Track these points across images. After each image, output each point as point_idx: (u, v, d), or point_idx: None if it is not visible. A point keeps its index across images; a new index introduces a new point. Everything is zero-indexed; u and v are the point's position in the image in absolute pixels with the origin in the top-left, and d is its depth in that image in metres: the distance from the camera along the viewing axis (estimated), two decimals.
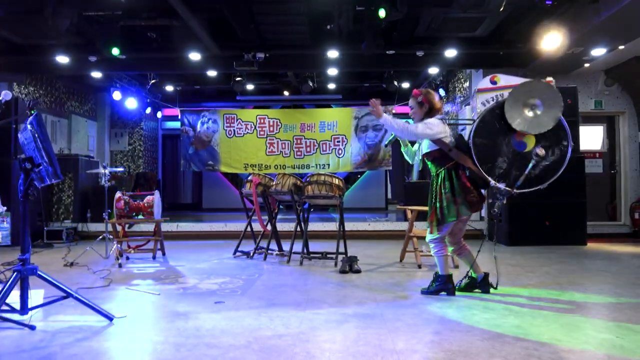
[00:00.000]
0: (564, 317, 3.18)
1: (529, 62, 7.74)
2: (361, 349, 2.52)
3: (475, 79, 8.95)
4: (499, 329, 2.87)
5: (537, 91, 3.73)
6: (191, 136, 11.93)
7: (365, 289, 4.08)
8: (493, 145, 3.71)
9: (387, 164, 12.02)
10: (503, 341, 2.64)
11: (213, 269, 5.17)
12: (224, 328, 2.90)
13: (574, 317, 3.20)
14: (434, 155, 3.79)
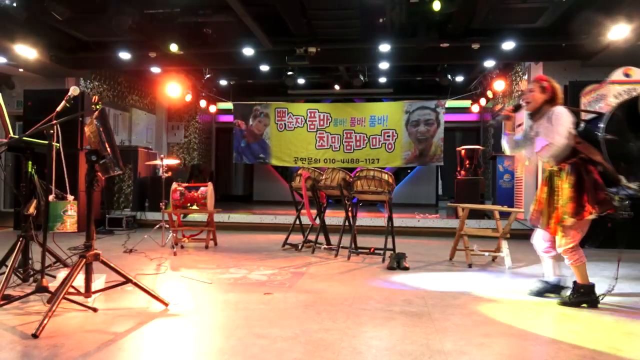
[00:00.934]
0: (625, 325, 3.01)
1: (593, 55, 7.33)
2: (408, 347, 2.50)
3: (534, 71, 8.58)
4: (553, 335, 2.76)
5: None
6: (243, 129, 12.21)
7: (412, 286, 4.04)
8: (622, 141, 3.40)
9: (438, 159, 11.80)
10: (558, 348, 2.54)
11: (262, 260, 5.28)
12: (272, 319, 2.97)
13: (636, 325, 3.02)
14: None
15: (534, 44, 7.55)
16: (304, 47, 7.74)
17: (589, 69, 7.73)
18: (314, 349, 2.45)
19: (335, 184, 5.62)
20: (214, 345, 2.54)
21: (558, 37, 7.28)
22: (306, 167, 6.30)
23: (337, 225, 6.16)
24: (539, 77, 3.63)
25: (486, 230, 5.80)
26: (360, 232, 7.61)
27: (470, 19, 6.90)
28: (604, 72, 7.23)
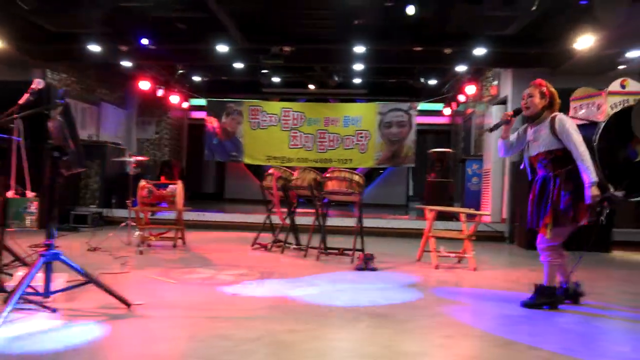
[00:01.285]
0: (580, 327, 3.12)
1: (561, 63, 7.55)
2: (371, 349, 2.53)
3: (504, 77, 8.77)
4: (512, 336, 2.83)
5: None
6: (216, 127, 12.09)
7: (379, 287, 4.08)
8: (611, 150, 3.58)
9: (410, 161, 11.95)
10: (516, 349, 2.61)
11: (231, 260, 5.24)
12: (237, 320, 2.95)
13: (591, 326, 3.13)
14: (556, 154, 3.45)
15: (505, 51, 7.73)
16: (279, 45, 7.72)
17: (557, 76, 7.94)
18: (277, 350, 2.45)
19: (306, 184, 5.63)
20: (176, 347, 2.51)
21: (527, 45, 7.47)
22: (278, 166, 6.29)
23: (307, 225, 6.17)
24: (538, 82, 3.59)
25: (453, 232, 5.91)
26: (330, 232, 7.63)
27: (444, 24, 7.02)
28: (571, 80, 7.45)
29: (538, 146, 3.53)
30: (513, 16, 6.46)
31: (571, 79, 7.62)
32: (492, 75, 9.51)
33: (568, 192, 3.38)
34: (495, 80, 9.26)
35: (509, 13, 6.31)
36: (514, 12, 6.24)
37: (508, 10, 6.15)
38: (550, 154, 3.46)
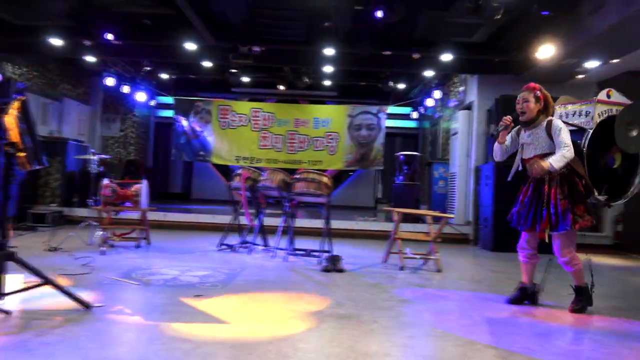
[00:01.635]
0: (538, 327, 3.22)
1: (523, 71, 7.78)
2: (334, 350, 2.54)
3: (470, 83, 8.98)
4: (472, 336, 2.90)
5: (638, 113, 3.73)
6: (184, 125, 11.90)
7: (345, 289, 4.11)
8: (596, 157, 3.71)
9: (378, 163, 12.07)
10: (475, 348, 2.67)
11: (196, 261, 5.17)
12: (199, 322, 2.91)
13: (548, 326, 3.24)
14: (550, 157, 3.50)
15: (470, 58, 7.91)
16: (249, 45, 7.66)
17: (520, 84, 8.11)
18: (239, 352, 2.43)
19: (275, 185, 5.61)
20: (136, 351, 2.46)
21: (492, 52, 7.67)
22: (246, 166, 6.24)
23: (275, 227, 6.15)
24: (532, 86, 3.63)
25: (419, 234, 6.00)
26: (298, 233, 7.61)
27: (412, 30, 7.12)
28: None
29: (534, 149, 3.59)
30: (478, 24, 6.63)
31: None
32: (459, 81, 9.73)
33: (564, 196, 3.45)
34: (462, 86, 9.47)
35: (475, 21, 6.47)
36: (480, 20, 6.40)
37: (474, 19, 6.30)
38: (546, 156, 3.49)
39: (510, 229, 6.90)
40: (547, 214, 3.46)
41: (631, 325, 3.36)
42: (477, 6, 5.48)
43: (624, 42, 6.12)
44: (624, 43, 6.17)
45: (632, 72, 7.39)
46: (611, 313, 3.66)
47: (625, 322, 3.44)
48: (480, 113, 8.44)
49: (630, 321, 3.46)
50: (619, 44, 6.23)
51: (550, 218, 3.45)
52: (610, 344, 2.89)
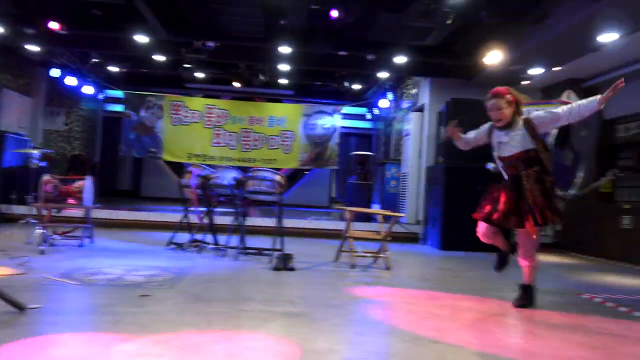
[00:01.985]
0: (481, 321, 3.33)
1: (473, 75, 8.05)
2: (282, 348, 2.53)
3: (423, 86, 9.20)
4: (419, 331, 2.96)
5: None
6: (134, 121, 11.52)
7: (296, 287, 4.10)
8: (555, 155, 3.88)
9: (333, 163, 12.14)
10: (420, 344, 2.73)
11: (143, 260, 5.01)
12: (144, 322, 2.82)
13: (489, 322, 3.36)
14: (529, 155, 3.53)
15: (423, 61, 8.10)
16: (203, 40, 7.51)
17: (470, 88, 8.46)
18: (184, 352, 2.37)
19: (227, 183, 5.52)
20: (74, 354, 2.34)
21: (444, 56, 7.89)
22: (197, 164, 6.11)
23: (227, 225, 6.06)
24: (501, 92, 3.60)
25: (370, 233, 6.09)
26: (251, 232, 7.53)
27: (367, 31, 7.21)
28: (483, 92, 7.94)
29: (514, 147, 3.57)
30: (431, 28, 6.80)
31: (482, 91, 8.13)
32: (412, 83, 9.94)
33: (540, 193, 3.49)
34: (415, 88, 9.69)
35: (427, 24, 6.63)
36: (432, 24, 6.57)
37: (426, 22, 6.46)
38: (526, 154, 3.53)
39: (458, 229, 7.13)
40: (530, 210, 3.48)
41: (566, 318, 3.54)
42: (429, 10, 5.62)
43: (566, 51, 6.46)
44: (566, 52, 6.51)
45: (573, 80, 7.80)
46: (549, 307, 3.84)
47: (561, 315, 3.62)
48: (432, 115, 8.66)
49: (565, 314, 3.65)
50: (561, 53, 6.57)
51: (534, 214, 3.47)
52: (547, 335, 3.04)
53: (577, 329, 3.28)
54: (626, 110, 7.42)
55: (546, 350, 2.76)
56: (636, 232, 6.94)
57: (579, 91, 7.78)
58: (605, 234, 7.50)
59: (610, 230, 7.40)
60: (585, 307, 3.97)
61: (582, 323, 3.44)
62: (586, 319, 3.55)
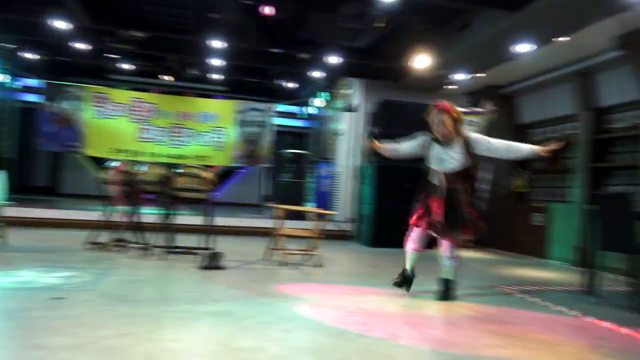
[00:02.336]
0: (405, 315, 3.47)
1: (402, 78, 8.34)
2: (207, 348, 2.49)
3: (355, 87, 9.38)
4: (345, 326, 3.03)
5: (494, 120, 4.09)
6: (53, 112, 10.77)
7: (225, 286, 4.04)
8: None
9: (266, 161, 12.07)
10: (346, 338, 2.79)
11: (60, 261, 4.70)
12: (58, 327, 2.65)
13: (413, 315, 3.51)
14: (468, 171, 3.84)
15: (355, 62, 8.27)
16: (129, 30, 7.17)
17: (400, 90, 8.78)
18: (102, 356, 2.26)
19: (153, 180, 5.33)
20: None
21: (375, 58, 8.10)
22: (122, 160, 5.83)
23: (153, 224, 5.84)
24: (446, 108, 3.78)
25: (302, 230, 6.12)
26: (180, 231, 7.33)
27: (300, 29, 7.24)
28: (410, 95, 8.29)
29: (454, 164, 3.79)
30: (362, 30, 6.95)
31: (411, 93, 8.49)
32: (345, 83, 10.11)
33: (470, 204, 3.80)
34: (348, 89, 9.86)
35: (359, 26, 6.78)
36: (363, 26, 6.72)
37: (358, 24, 6.60)
38: (466, 170, 3.81)
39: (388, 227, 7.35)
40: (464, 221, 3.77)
41: (482, 310, 3.77)
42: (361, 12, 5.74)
43: (486, 59, 6.86)
44: (486, 59, 6.92)
45: (492, 86, 8.31)
46: (467, 300, 4.07)
47: (477, 306, 3.86)
48: (364, 115, 8.87)
49: (481, 306, 3.89)
50: (482, 60, 6.98)
51: (467, 224, 3.78)
52: (464, 326, 3.23)
53: (492, 319, 3.50)
54: (538, 117, 8.04)
55: (463, 339, 2.92)
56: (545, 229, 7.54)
57: (495, 97, 8.34)
58: (519, 231, 8.08)
59: (523, 227, 7.98)
60: (499, 299, 4.25)
61: (496, 313, 3.68)
62: (500, 310, 3.81)
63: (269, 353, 2.45)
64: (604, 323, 3.53)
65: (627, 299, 4.17)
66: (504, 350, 2.76)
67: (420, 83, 8.33)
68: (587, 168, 6.71)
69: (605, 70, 6.49)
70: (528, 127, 8.45)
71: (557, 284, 5.22)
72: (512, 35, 5.76)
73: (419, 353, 2.65)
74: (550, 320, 3.56)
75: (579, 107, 6.95)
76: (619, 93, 6.42)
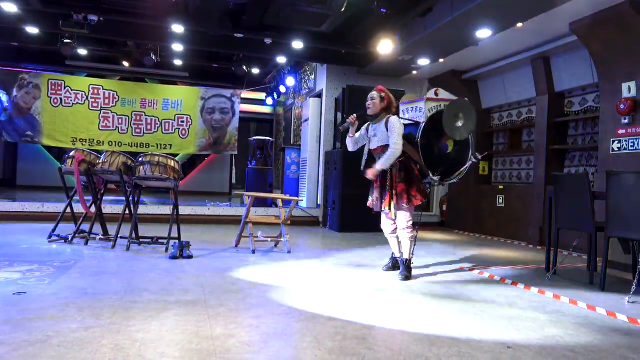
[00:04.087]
0: (373, 297, 3.53)
1: (367, 64, 8.35)
2: (177, 337, 2.46)
3: (320, 72, 9.35)
4: (315, 310, 3.05)
5: (462, 107, 4.43)
6: (6, 101, 10.29)
7: (193, 275, 4.00)
8: (430, 145, 4.41)
9: (232, 148, 11.95)
10: (316, 322, 2.82)
11: (19, 255, 4.53)
12: (19, 322, 2.56)
13: (379, 296, 3.57)
14: None
15: (320, 47, 8.21)
16: (84, 13, 6.87)
17: (364, 76, 8.81)
18: (68, 350, 2.20)
19: (115, 169, 5.18)
20: None
21: (339, 44, 8.06)
22: (81, 149, 5.64)
23: (117, 214, 5.68)
24: (380, 89, 4.34)
25: (270, 217, 6.10)
26: (146, 221, 7.21)
27: (263, 14, 7.12)
28: (375, 80, 8.33)
29: (378, 141, 4.26)
30: (326, 15, 6.90)
31: (375, 79, 8.53)
32: (310, 69, 10.06)
33: (401, 179, 4.16)
34: (313, 75, 9.82)
35: (323, 11, 6.72)
36: (327, 11, 6.67)
37: (321, 9, 6.54)
38: (386, 147, 4.16)
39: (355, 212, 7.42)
40: (390, 195, 4.17)
41: (449, 289, 3.87)
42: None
43: (448, 44, 6.94)
44: (447, 45, 7.01)
45: (454, 71, 8.44)
46: (435, 280, 4.18)
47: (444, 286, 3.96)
48: (330, 101, 8.86)
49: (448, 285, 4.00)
50: (444, 45, 7.05)
51: (392, 198, 4.16)
52: (431, 305, 3.31)
53: (458, 298, 3.61)
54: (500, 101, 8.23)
55: (432, 319, 3.00)
56: (507, 210, 7.79)
57: (459, 82, 8.49)
58: (483, 213, 8.31)
59: (488, 209, 8.21)
60: (465, 278, 4.38)
61: (462, 292, 3.79)
62: (466, 289, 3.92)
63: (240, 340, 2.45)
64: (563, 298, 3.70)
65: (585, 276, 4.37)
66: (468, 328, 2.85)
67: (385, 68, 8.37)
68: (547, 150, 6.94)
69: (562, 55, 6.70)
70: (491, 112, 8.65)
71: (519, 263, 5.41)
72: (473, 20, 5.85)
73: (390, 334, 2.70)
74: (513, 297, 3.69)
75: (537, 91, 7.15)
76: (575, 77, 6.64)
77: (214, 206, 8.57)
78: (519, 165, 8.10)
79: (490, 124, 8.65)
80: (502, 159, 8.49)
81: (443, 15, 5.97)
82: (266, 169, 9.37)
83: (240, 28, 7.40)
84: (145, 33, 8.05)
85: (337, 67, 8.87)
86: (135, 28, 7.81)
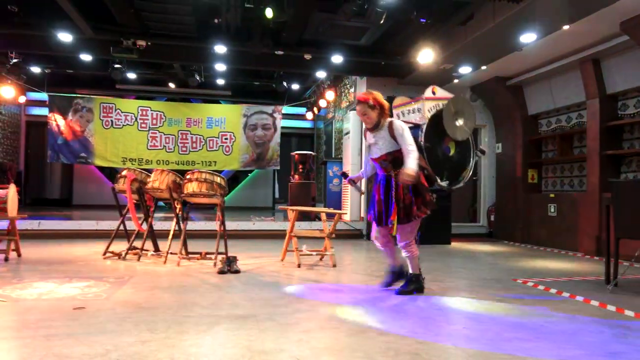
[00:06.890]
0: (423, 312, 3.45)
1: (407, 74, 8.30)
2: (229, 351, 2.48)
3: (360, 85, 9.37)
4: (365, 325, 3.01)
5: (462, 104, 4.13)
6: (61, 125, 10.88)
7: (241, 289, 4.04)
8: (433, 148, 4.07)
9: (275, 163, 12.10)
10: (367, 336, 2.78)
11: (77, 271, 4.74)
12: (79, 336, 2.67)
13: (431, 311, 3.48)
14: (394, 155, 3.79)
15: (359, 60, 8.25)
16: (133, 39, 7.21)
17: (404, 86, 8.75)
18: None
19: (164, 187, 5.35)
20: None
21: (379, 55, 8.08)
22: (132, 168, 5.87)
23: (167, 231, 5.86)
24: (363, 99, 3.83)
25: (314, 231, 6.12)
26: (193, 236, 7.38)
27: (303, 30, 7.23)
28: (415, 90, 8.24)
29: (380, 149, 3.86)
30: (365, 28, 6.93)
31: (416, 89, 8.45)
32: (350, 82, 10.10)
33: (408, 190, 3.77)
34: (352, 87, 9.85)
35: (361, 24, 6.76)
36: (366, 24, 6.70)
37: (360, 22, 6.58)
38: (390, 155, 3.81)
39: None
40: (396, 208, 3.76)
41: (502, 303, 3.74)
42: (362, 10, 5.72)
43: (490, 50, 6.81)
44: (490, 51, 6.87)
45: (499, 78, 8.25)
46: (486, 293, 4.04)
47: (497, 300, 3.82)
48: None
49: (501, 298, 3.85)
50: (486, 52, 6.93)
51: (399, 211, 3.76)
52: (485, 320, 3.20)
53: (512, 311, 3.47)
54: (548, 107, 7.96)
55: (486, 334, 2.90)
56: (559, 219, 7.47)
57: (503, 89, 8.28)
58: (533, 222, 8.01)
59: (538, 218, 7.91)
60: (519, 291, 4.21)
61: (516, 306, 3.65)
62: (520, 302, 3.77)
63: (291, 354, 2.45)
64: (627, 312, 3.49)
65: None
66: (525, 343, 2.73)
67: (425, 78, 8.28)
68: (601, 156, 6.64)
69: (613, 56, 6.42)
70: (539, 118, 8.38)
71: (575, 274, 5.16)
72: (516, 25, 5.72)
73: (443, 349, 2.63)
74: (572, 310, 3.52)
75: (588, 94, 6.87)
76: (628, 78, 6.34)
77: (258, 221, 8.68)
78: (571, 173, 7.78)
79: (538, 131, 8.37)
80: (552, 167, 8.18)
81: (484, 21, 5.87)
82: (309, 183, 9.42)
83: (280, 45, 7.55)
84: (189, 55, 8.36)
85: (377, 78, 8.86)
86: (179, 50, 8.12)
